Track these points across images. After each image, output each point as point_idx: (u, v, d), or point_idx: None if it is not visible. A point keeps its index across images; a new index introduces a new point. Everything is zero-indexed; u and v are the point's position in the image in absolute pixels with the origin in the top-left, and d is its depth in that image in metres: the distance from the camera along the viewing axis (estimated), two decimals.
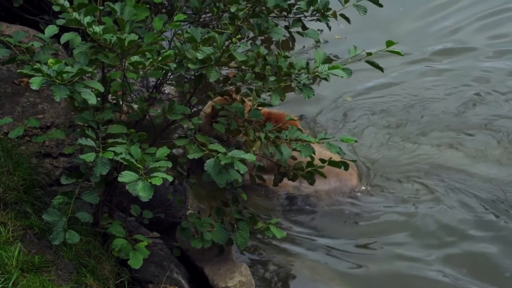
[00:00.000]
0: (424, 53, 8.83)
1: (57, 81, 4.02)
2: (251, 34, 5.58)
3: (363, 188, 6.85)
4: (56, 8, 4.31)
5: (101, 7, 4.43)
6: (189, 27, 4.83)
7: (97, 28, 4.21)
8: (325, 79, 4.67)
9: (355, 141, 4.90)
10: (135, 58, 4.30)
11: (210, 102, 6.43)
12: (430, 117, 7.84)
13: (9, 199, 4.80)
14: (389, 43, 4.69)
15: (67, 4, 4.23)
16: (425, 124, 7.73)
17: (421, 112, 7.91)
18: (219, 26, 4.99)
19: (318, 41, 8.58)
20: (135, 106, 4.91)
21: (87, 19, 4.21)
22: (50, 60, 4.05)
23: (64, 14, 4.32)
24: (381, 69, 4.95)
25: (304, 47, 8.73)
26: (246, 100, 5.49)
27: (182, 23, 4.78)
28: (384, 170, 7.08)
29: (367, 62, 4.83)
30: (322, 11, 5.44)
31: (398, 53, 4.75)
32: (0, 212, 4.69)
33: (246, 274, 5.48)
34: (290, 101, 6.06)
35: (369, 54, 4.76)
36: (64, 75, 4.02)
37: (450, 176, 6.99)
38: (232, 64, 4.75)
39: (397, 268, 6.04)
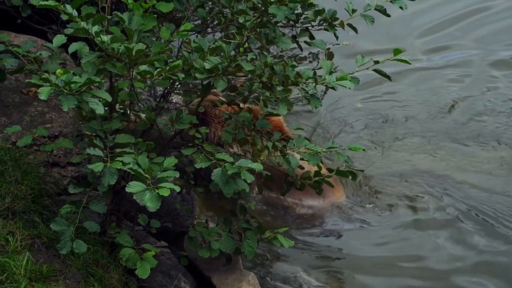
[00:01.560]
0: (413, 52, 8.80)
1: (65, 91, 4.03)
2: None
3: (368, 204, 6.76)
4: (64, 17, 4.32)
5: (109, 17, 4.44)
6: (197, 37, 4.84)
7: (105, 38, 4.22)
8: (333, 88, 4.67)
9: (363, 149, 4.89)
10: (143, 67, 4.31)
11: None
12: (419, 122, 7.80)
13: (17, 208, 4.81)
14: (397, 51, 4.68)
15: (75, 13, 4.24)
16: (417, 130, 7.70)
17: (411, 116, 7.87)
18: (227, 34, 5.00)
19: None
20: (143, 116, 4.92)
21: (95, 28, 4.22)
22: (58, 70, 4.07)
23: (72, 23, 4.33)
24: (388, 77, 4.94)
25: None
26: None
27: (190, 33, 4.79)
28: (375, 182, 6.95)
29: (375, 71, 4.82)
30: (330, 20, 5.43)
31: (405, 61, 4.74)
32: (9, 221, 4.70)
33: (254, 283, 5.47)
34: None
35: (377, 62, 4.75)
36: (72, 85, 4.03)
37: (444, 187, 6.85)
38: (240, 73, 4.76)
39: None
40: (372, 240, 6.39)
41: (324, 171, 5.24)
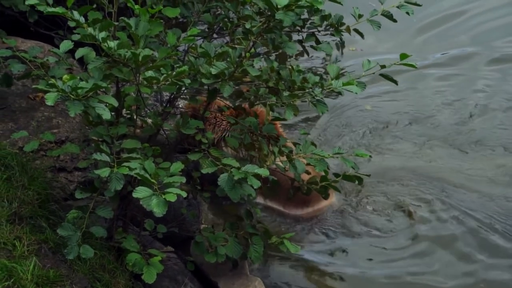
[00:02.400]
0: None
1: (72, 96, 4.04)
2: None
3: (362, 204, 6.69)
4: (71, 24, 4.34)
5: (116, 22, 4.45)
6: (203, 42, 4.84)
7: (112, 43, 4.23)
8: (339, 93, 4.66)
9: (370, 156, 4.88)
10: (149, 73, 4.31)
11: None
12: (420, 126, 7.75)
13: (24, 214, 4.82)
14: (403, 56, 4.67)
15: (82, 20, 4.25)
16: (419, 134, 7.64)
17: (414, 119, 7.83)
18: (234, 40, 5.00)
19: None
20: (149, 121, 4.92)
21: (102, 34, 4.23)
22: (65, 76, 4.07)
23: (79, 29, 4.34)
24: (395, 82, 4.93)
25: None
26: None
27: (196, 38, 4.79)
28: (374, 187, 6.80)
29: (381, 75, 4.82)
30: (336, 25, 5.43)
31: (412, 65, 4.73)
32: (15, 227, 4.71)
33: None
34: None
35: (383, 66, 4.74)
36: (79, 90, 4.04)
37: (446, 196, 6.74)
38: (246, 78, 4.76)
39: None
40: (373, 253, 6.30)
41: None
